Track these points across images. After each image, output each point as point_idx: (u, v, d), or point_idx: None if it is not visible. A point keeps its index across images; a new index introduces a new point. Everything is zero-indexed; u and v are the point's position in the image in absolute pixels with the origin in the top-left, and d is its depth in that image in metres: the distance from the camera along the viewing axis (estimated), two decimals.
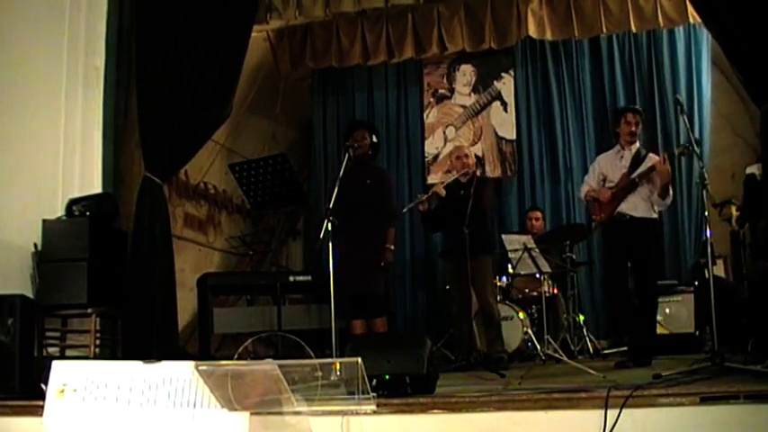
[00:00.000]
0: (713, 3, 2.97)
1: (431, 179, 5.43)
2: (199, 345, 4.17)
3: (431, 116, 5.64)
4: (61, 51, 3.52)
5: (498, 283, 4.46)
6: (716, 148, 5.04)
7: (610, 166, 3.60)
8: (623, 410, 1.92)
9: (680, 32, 5.09)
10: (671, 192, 3.43)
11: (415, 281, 5.50)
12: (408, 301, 5.45)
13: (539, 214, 4.95)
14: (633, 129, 3.54)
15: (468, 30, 4.94)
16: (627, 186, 3.46)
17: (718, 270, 4.51)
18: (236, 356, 3.68)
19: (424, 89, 5.64)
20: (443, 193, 3.86)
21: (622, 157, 3.57)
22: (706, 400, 1.94)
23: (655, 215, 3.50)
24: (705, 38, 4.97)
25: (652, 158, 3.52)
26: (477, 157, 4.13)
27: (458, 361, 3.97)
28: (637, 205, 3.45)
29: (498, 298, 4.31)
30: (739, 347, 3.07)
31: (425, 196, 3.95)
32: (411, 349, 2.40)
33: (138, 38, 3.71)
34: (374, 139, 3.84)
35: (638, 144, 3.60)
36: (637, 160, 3.50)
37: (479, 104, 5.54)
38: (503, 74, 5.49)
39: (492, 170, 5.33)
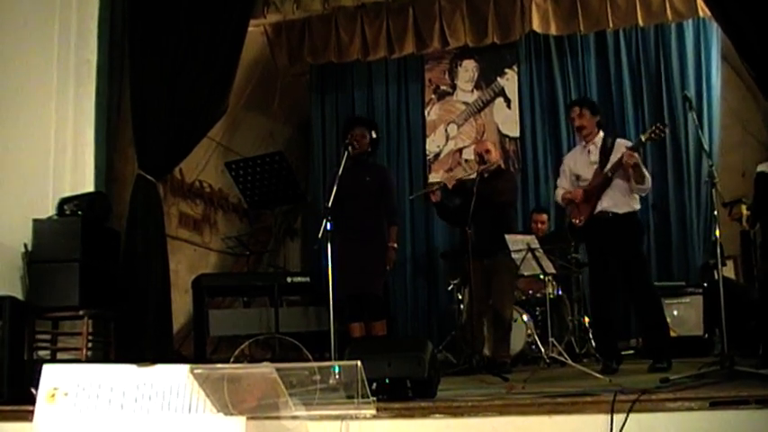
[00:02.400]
0: None
1: (432, 178, 5.42)
2: (194, 348, 4.17)
3: (432, 113, 5.63)
4: (52, 45, 3.51)
5: None
6: (725, 146, 5.03)
7: (578, 163, 3.51)
8: (630, 415, 1.92)
9: (689, 27, 5.08)
10: (646, 173, 3.33)
11: (416, 281, 5.49)
12: (409, 301, 5.45)
13: (544, 217, 4.92)
14: (577, 123, 3.45)
15: (471, 24, 4.93)
16: (602, 182, 3.37)
17: (728, 271, 4.50)
18: (232, 360, 3.68)
19: (426, 85, 5.63)
20: (451, 185, 3.84)
21: (589, 151, 3.46)
22: (716, 404, 1.94)
23: (636, 206, 3.42)
24: (715, 32, 4.95)
25: (620, 145, 3.39)
26: (480, 155, 4.10)
27: (460, 364, 3.96)
28: (617, 201, 3.36)
29: None
30: (750, 351, 3.07)
31: (436, 186, 3.95)
32: (412, 352, 2.40)
33: (131, 31, 3.70)
34: (374, 135, 3.84)
35: (601, 134, 3.48)
36: (605, 151, 3.39)
37: (482, 101, 5.54)
38: (506, 69, 5.48)
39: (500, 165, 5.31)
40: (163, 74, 3.62)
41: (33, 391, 2.05)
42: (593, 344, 4.41)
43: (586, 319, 4.57)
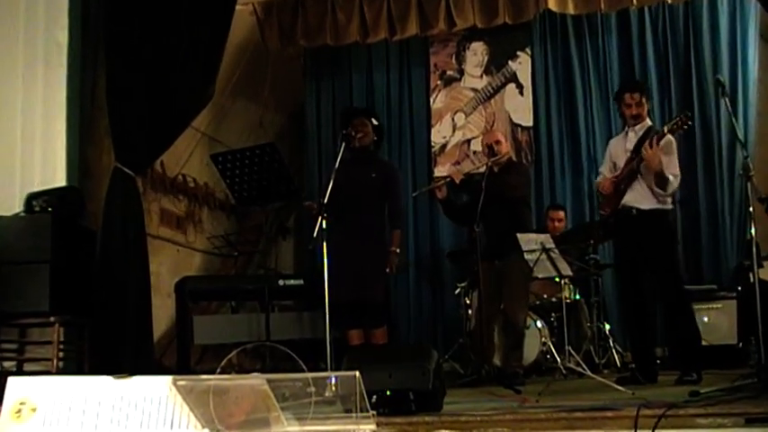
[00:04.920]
0: None
1: (438, 172, 5.40)
2: (177, 357, 4.18)
3: (438, 101, 5.61)
4: (17, 25, 3.50)
5: None
6: (762, 135, 5.00)
7: (617, 149, 3.53)
8: None
9: (722, 2, 5.05)
10: (671, 177, 3.28)
11: (420, 284, 5.48)
12: (412, 306, 5.44)
13: (561, 214, 4.91)
14: (634, 111, 3.43)
15: (480, 3, 4.90)
16: (629, 174, 3.36)
17: (765, 273, 4.45)
18: (218, 370, 3.67)
19: (431, 71, 5.61)
20: (458, 180, 3.85)
21: (628, 138, 3.46)
22: (752, 421, 1.93)
23: (667, 206, 3.38)
24: (753, 8, 4.91)
25: (666, 138, 3.32)
26: (489, 146, 4.08)
27: (468, 375, 3.96)
28: (642, 196, 3.34)
29: None
30: None
31: (441, 181, 3.95)
32: (415, 362, 2.40)
33: (107, 9, 3.68)
34: (375, 123, 3.84)
35: (648, 122, 3.48)
36: (643, 141, 3.34)
37: (492, 87, 5.52)
38: (518, 53, 5.46)
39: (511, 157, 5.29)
40: (142, 57, 3.60)
41: None
42: (616, 351, 4.41)
43: (606, 326, 4.56)
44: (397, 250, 3.76)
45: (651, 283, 3.41)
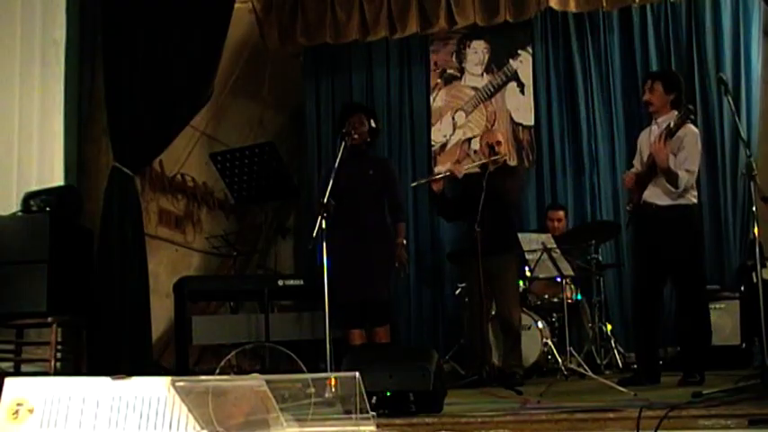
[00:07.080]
0: None
1: (438, 171, 5.40)
2: (175, 358, 4.17)
3: (438, 99, 5.61)
4: (14, 23, 3.49)
5: None
6: (766, 134, 4.98)
7: (644, 142, 3.52)
8: None
9: (725, 0, 5.04)
10: (680, 173, 3.25)
11: (420, 283, 5.47)
12: (412, 306, 5.43)
13: (561, 214, 4.90)
14: (645, 97, 3.45)
15: (481, 1, 4.89)
16: (649, 169, 3.34)
17: None
18: (217, 371, 3.67)
19: (431, 69, 5.60)
20: (460, 174, 3.86)
21: (651, 131, 3.45)
22: (755, 423, 1.93)
23: (688, 201, 3.32)
24: (756, 5, 4.90)
25: (687, 130, 3.30)
26: (490, 146, 4.08)
27: (468, 376, 3.96)
28: (660, 191, 3.31)
29: None
30: None
31: (440, 174, 3.96)
32: (416, 362, 2.40)
33: (104, 8, 3.68)
34: (373, 125, 3.84)
35: (673, 113, 3.41)
36: (666, 133, 3.29)
37: (493, 86, 5.51)
38: (520, 51, 5.45)
39: (507, 160, 5.29)
40: (140, 56, 3.61)
41: None
42: (618, 352, 4.41)
43: (608, 327, 4.56)
44: (404, 242, 3.77)
45: (668, 282, 3.38)
